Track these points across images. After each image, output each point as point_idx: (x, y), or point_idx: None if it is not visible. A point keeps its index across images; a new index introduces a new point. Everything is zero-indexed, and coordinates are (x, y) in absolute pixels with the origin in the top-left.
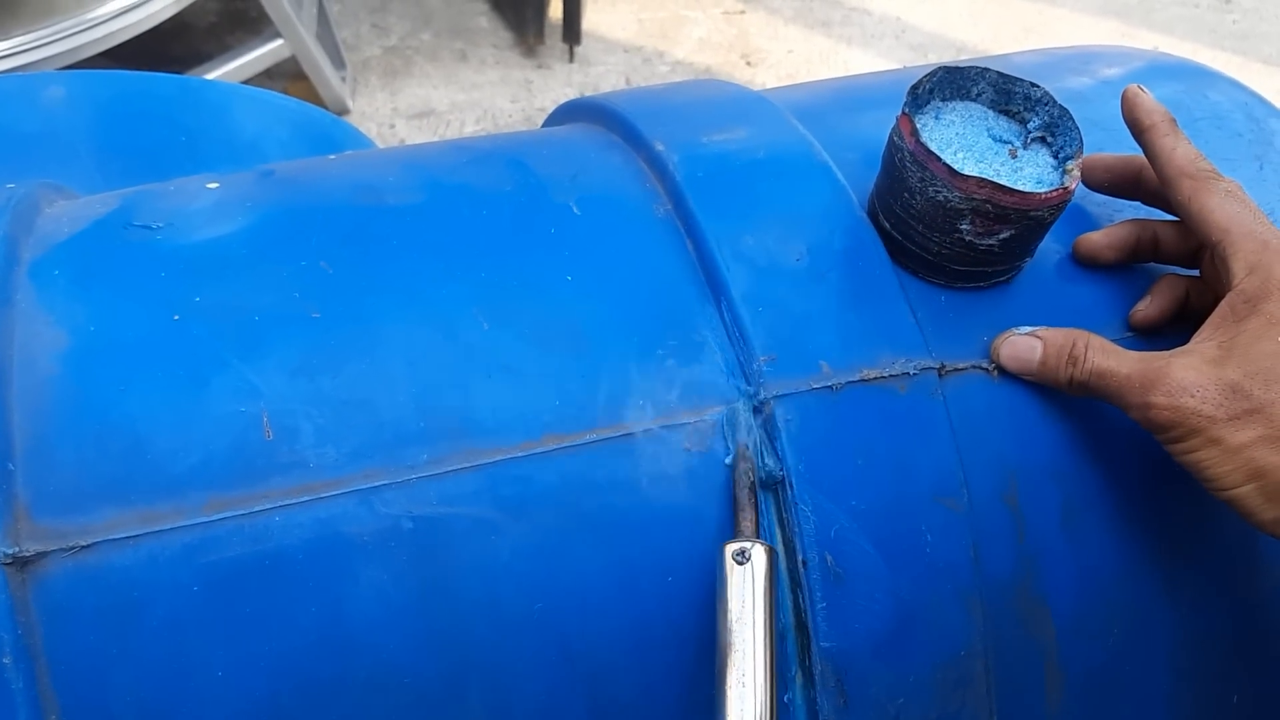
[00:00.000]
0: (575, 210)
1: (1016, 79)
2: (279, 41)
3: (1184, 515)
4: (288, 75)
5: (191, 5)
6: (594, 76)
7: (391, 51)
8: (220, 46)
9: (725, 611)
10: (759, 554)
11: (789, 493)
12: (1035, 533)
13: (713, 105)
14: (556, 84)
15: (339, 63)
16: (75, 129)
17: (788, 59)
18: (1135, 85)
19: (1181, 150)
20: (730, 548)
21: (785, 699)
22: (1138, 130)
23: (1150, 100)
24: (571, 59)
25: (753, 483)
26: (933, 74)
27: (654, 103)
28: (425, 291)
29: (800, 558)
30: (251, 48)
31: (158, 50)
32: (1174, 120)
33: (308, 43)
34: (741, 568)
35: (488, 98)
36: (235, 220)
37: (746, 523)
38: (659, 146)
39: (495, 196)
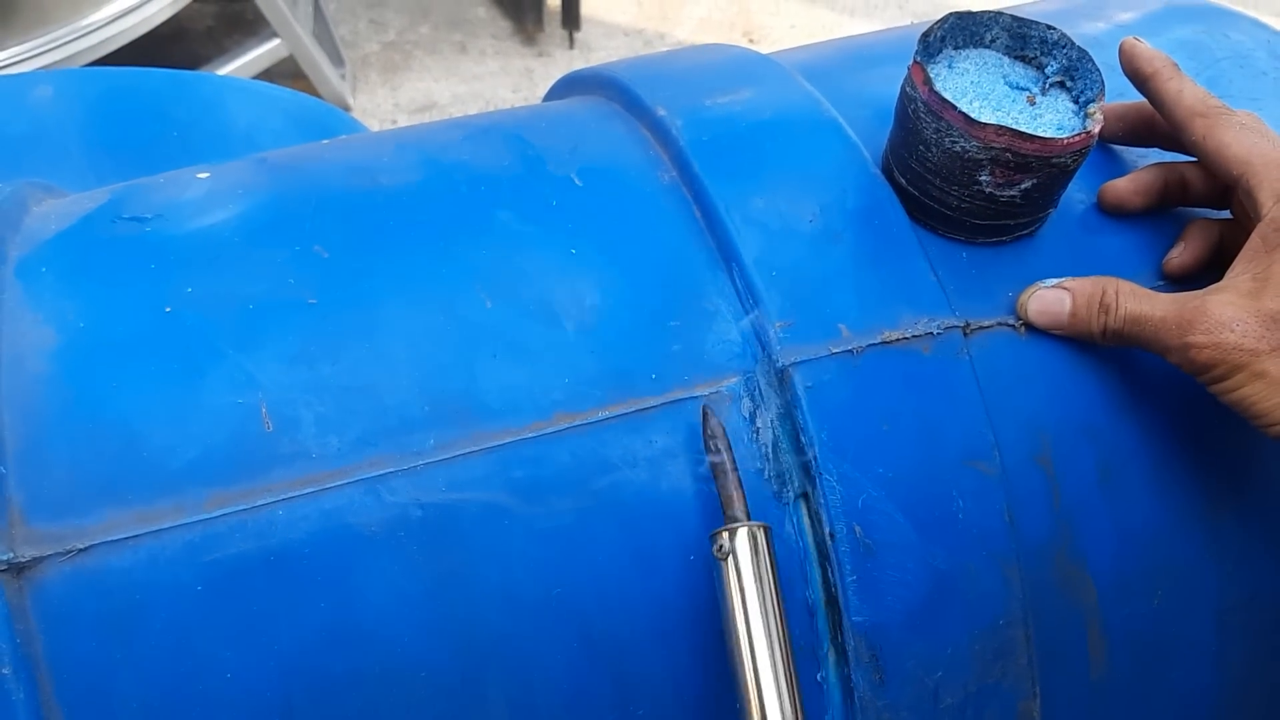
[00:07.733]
0: (576, 181)
1: (1031, 22)
2: (276, 41)
3: (1226, 468)
4: (287, 75)
5: (187, 9)
6: (595, 62)
7: (390, 46)
8: (218, 49)
9: (724, 613)
10: (742, 542)
11: (813, 463)
12: (1071, 493)
13: (715, 68)
14: (558, 71)
15: (338, 60)
16: (65, 128)
17: (790, 34)
18: (1130, 37)
19: (1188, 90)
20: (716, 540)
21: (818, 677)
22: (1140, 80)
23: (1147, 48)
24: (572, 45)
25: (733, 465)
26: (944, 21)
27: (654, 68)
28: (424, 271)
29: (828, 530)
30: (249, 49)
31: (155, 56)
32: (1175, 64)
33: (305, 41)
34: (724, 563)
35: (489, 88)
36: (227, 208)
37: (735, 508)
38: (661, 112)
39: (493, 171)
